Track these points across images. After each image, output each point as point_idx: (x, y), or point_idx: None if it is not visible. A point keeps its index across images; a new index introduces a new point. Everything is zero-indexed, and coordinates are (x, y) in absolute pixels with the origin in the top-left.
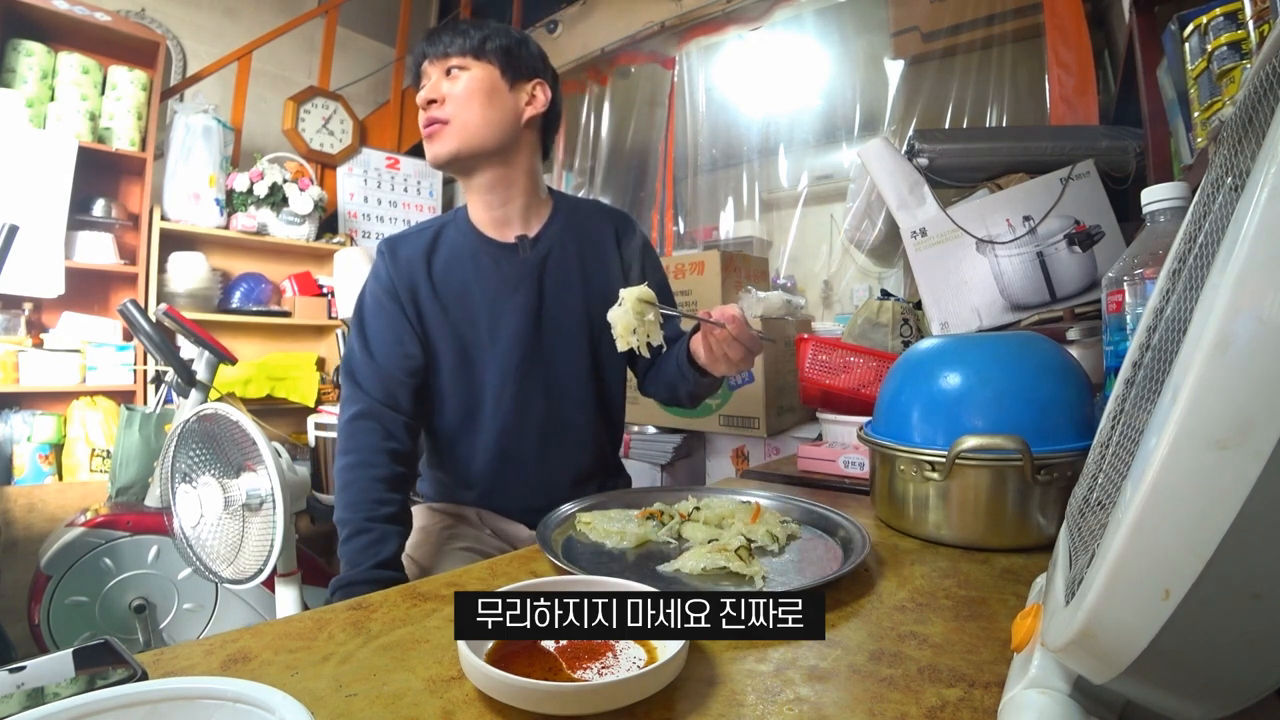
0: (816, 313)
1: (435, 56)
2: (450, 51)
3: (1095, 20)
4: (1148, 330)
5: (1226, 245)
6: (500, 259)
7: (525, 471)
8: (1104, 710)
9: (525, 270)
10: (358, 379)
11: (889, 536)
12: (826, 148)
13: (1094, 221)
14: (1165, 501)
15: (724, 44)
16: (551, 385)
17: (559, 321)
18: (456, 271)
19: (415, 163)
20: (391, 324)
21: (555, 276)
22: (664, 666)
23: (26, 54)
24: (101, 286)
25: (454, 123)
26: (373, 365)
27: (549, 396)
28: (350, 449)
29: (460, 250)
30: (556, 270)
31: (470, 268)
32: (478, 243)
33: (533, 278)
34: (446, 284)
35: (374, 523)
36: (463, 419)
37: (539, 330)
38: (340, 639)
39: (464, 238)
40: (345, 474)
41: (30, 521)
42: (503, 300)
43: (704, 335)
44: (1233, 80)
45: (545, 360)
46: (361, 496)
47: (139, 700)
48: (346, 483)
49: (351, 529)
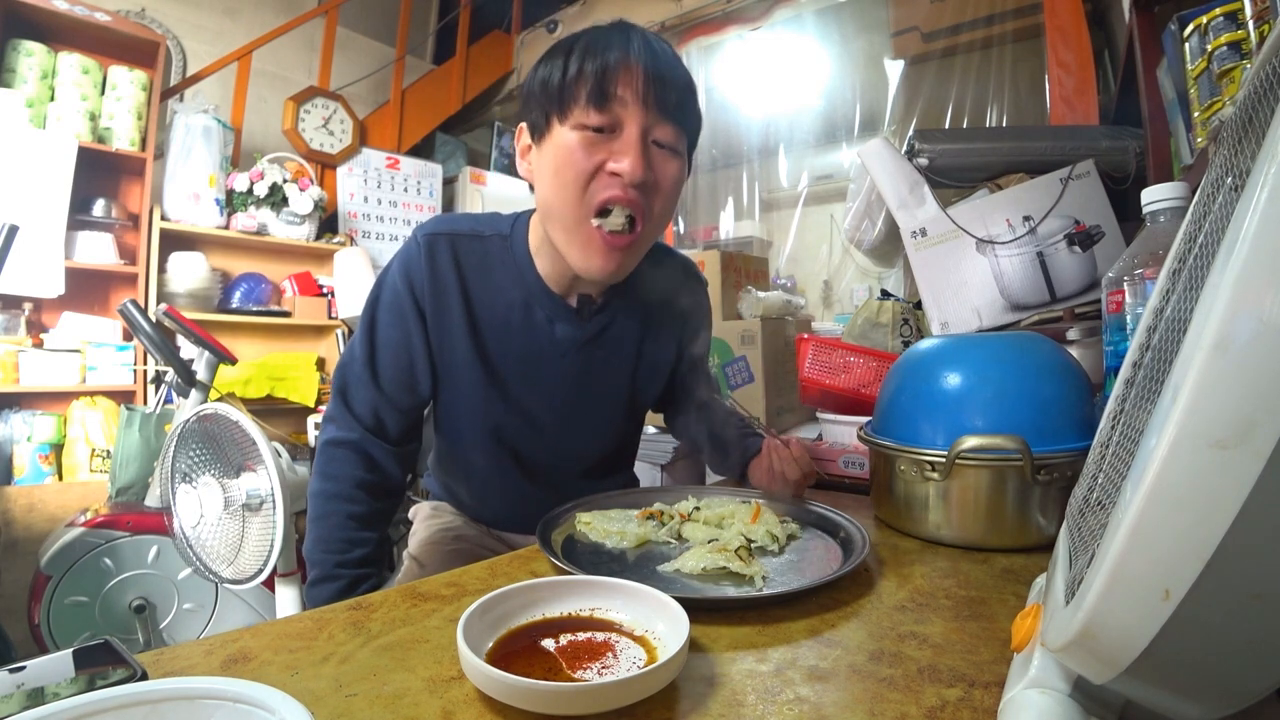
0: (816, 313)
1: (657, 108)
2: (670, 114)
3: (1095, 20)
4: (1148, 330)
5: (1226, 245)
6: (556, 319)
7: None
8: (1104, 710)
9: (576, 340)
10: (349, 398)
11: (889, 536)
12: (826, 148)
13: (1094, 221)
14: (1165, 501)
15: (724, 44)
16: (578, 438)
17: (601, 389)
18: (500, 307)
19: (415, 163)
20: (406, 342)
21: (606, 353)
22: (664, 666)
23: (26, 54)
24: (101, 286)
25: (650, 226)
26: (371, 389)
27: (574, 447)
28: (328, 475)
29: (514, 288)
30: (610, 346)
31: (519, 314)
32: (535, 290)
33: (582, 350)
34: (487, 317)
35: (344, 568)
36: (478, 448)
37: (577, 396)
38: (340, 639)
39: (522, 275)
40: (319, 503)
41: (30, 521)
42: (549, 363)
43: (766, 452)
44: (1233, 80)
45: (577, 420)
46: (333, 534)
47: (139, 700)
48: (319, 515)
49: (320, 572)
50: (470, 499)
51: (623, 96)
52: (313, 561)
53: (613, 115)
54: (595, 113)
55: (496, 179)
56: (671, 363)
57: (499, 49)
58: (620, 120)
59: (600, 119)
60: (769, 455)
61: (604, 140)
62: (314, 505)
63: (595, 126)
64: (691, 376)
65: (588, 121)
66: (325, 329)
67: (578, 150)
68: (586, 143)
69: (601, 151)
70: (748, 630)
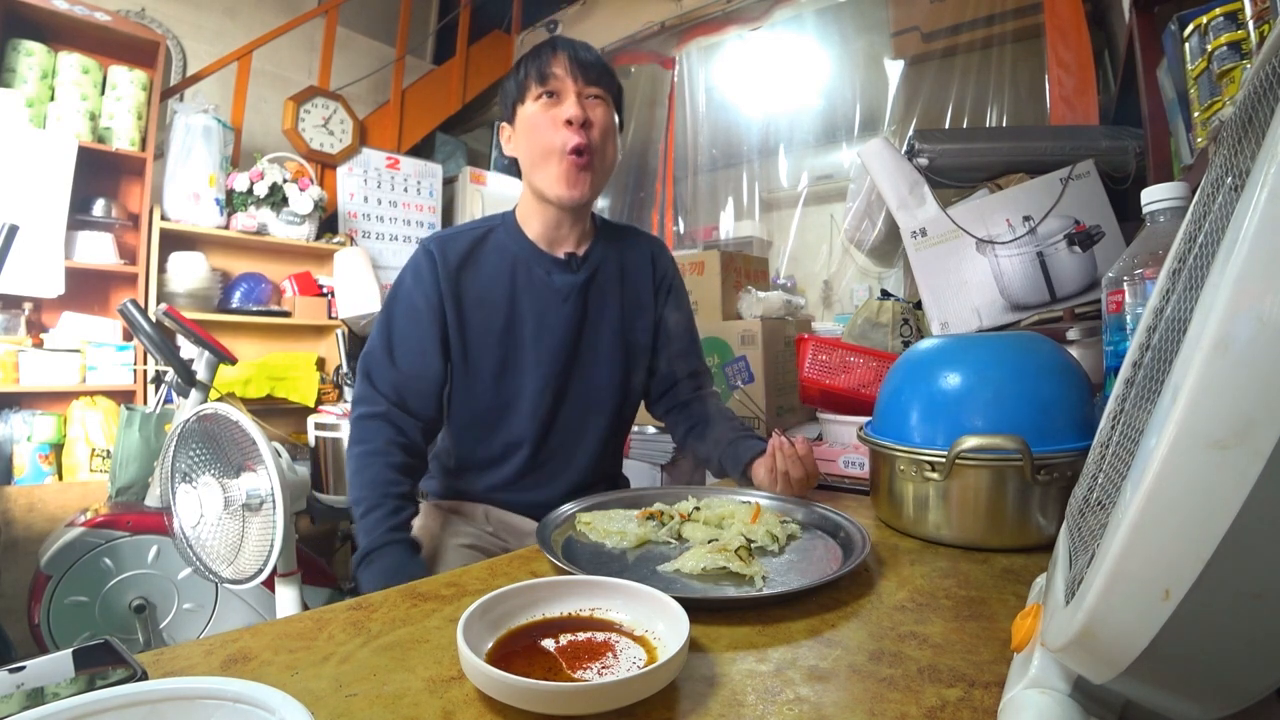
0: (816, 313)
1: (583, 78)
2: (594, 79)
3: (1095, 20)
4: (1148, 330)
5: (1226, 245)
6: (552, 271)
7: (546, 471)
8: (1104, 710)
9: (573, 285)
10: (374, 379)
11: (889, 536)
12: (826, 148)
13: (1094, 221)
14: (1165, 501)
15: (724, 44)
16: (584, 393)
17: (598, 334)
18: (505, 277)
19: (415, 163)
20: (420, 334)
21: (598, 294)
22: (664, 666)
23: (26, 54)
24: (101, 286)
25: (597, 159)
26: (392, 370)
27: (581, 404)
28: (363, 439)
29: (511, 257)
30: (600, 288)
31: (522, 275)
32: (530, 253)
33: (579, 293)
34: (494, 289)
35: (389, 498)
36: (495, 418)
37: (579, 342)
38: (340, 639)
39: (516, 245)
40: (359, 460)
41: (30, 521)
42: (551, 311)
43: (770, 452)
44: (1233, 80)
45: (582, 370)
46: (377, 477)
47: (139, 700)
48: (361, 467)
49: (368, 505)
50: (475, 470)
51: (559, 74)
52: (360, 498)
53: (553, 85)
54: (541, 87)
55: (496, 179)
56: (652, 309)
57: (499, 49)
58: (560, 89)
59: (545, 88)
60: (774, 454)
61: (553, 104)
62: (355, 463)
63: (544, 93)
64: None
65: (538, 94)
66: (325, 329)
67: (538, 113)
68: (542, 107)
69: (552, 110)
70: (748, 630)
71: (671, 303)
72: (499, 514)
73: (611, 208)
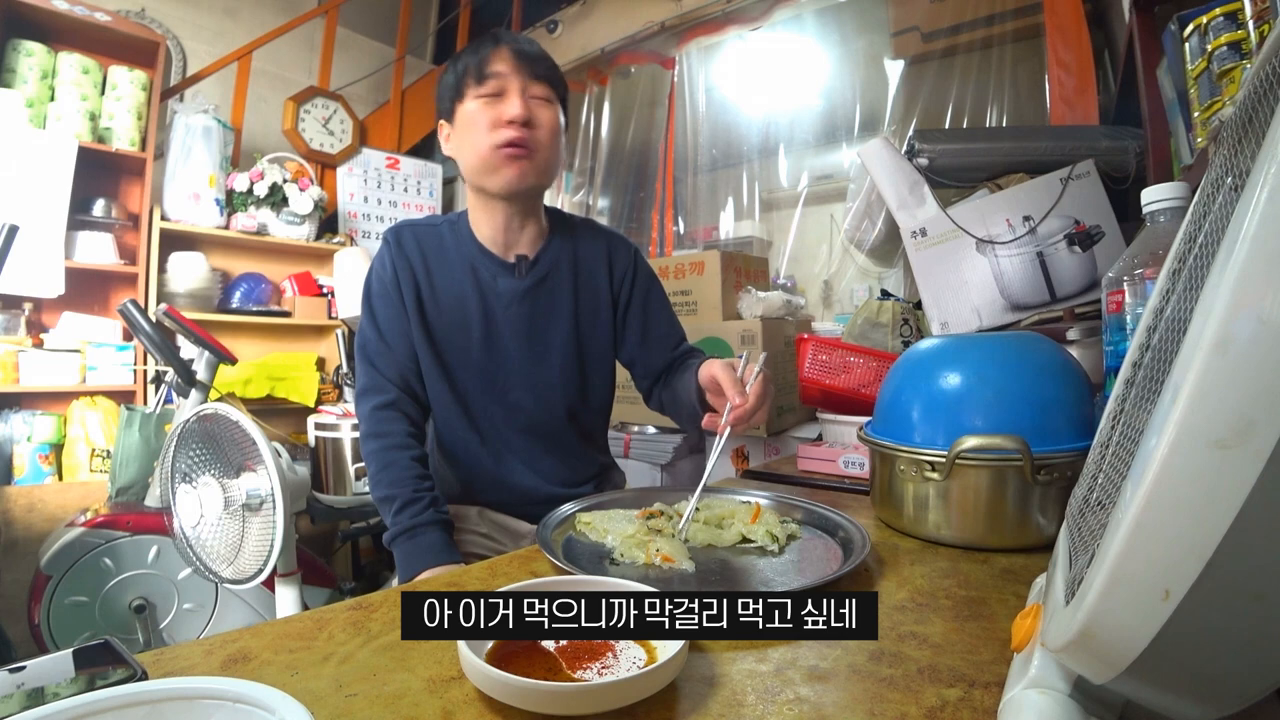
0: (816, 313)
1: (528, 76)
2: (540, 76)
3: (1095, 20)
4: (1148, 330)
5: (1226, 245)
6: (498, 275)
7: (515, 474)
8: (1104, 710)
9: (518, 290)
10: (375, 363)
11: (889, 536)
12: (826, 148)
13: (1094, 221)
14: (1165, 501)
15: (724, 44)
16: (538, 395)
17: (548, 337)
18: (455, 278)
19: (415, 163)
20: (396, 312)
21: (548, 297)
22: (664, 666)
23: (26, 54)
24: (101, 286)
25: (539, 155)
26: (388, 350)
27: (535, 405)
28: (381, 433)
29: (460, 259)
30: (550, 291)
31: (469, 279)
32: (478, 255)
33: (527, 298)
34: (445, 288)
35: (422, 493)
36: (446, 420)
37: (528, 345)
38: (340, 639)
39: (465, 247)
40: (383, 455)
41: (30, 521)
42: (495, 314)
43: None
44: (1233, 80)
45: (533, 372)
46: (406, 474)
47: (139, 700)
48: (387, 463)
49: (403, 500)
50: (453, 475)
51: (501, 70)
52: (392, 496)
53: (495, 84)
54: (481, 84)
55: None
56: (610, 307)
57: None
58: (503, 86)
59: (486, 86)
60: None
61: (496, 101)
62: (377, 459)
63: (486, 91)
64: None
65: (480, 93)
66: (325, 329)
67: (477, 112)
68: (483, 105)
69: (494, 111)
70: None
71: (637, 299)
72: (491, 514)
73: (611, 208)
